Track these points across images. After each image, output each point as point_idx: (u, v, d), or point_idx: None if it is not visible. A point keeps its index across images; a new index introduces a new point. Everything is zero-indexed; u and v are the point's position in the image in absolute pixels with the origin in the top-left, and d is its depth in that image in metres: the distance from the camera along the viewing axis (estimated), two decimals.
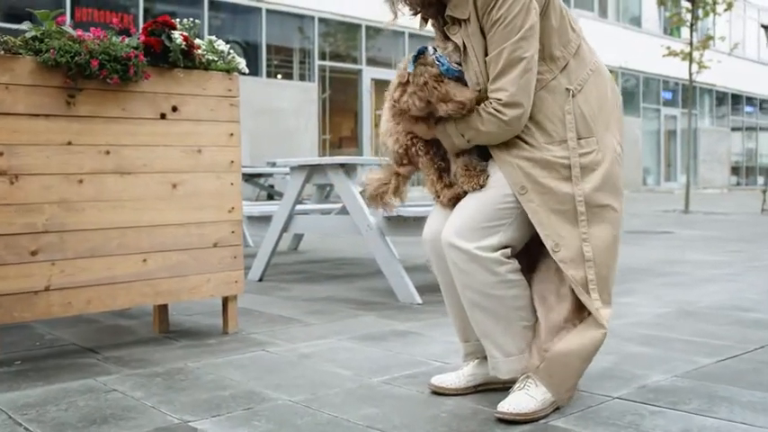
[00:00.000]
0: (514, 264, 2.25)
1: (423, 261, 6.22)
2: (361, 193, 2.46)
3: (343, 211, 5.19)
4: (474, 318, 2.30)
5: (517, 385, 2.26)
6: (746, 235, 8.99)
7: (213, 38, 3.36)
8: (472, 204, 2.26)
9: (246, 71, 3.42)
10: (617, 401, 2.34)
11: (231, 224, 3.38)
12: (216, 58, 3.32)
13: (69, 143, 2.90)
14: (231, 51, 3.41)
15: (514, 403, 2.18)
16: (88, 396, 2.45)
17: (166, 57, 3.14)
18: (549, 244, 2.19)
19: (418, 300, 4.21)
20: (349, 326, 3.59)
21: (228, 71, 3.36)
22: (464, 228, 2.22)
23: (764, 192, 15.15)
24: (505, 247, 2.23)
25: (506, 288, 2.23)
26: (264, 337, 3.34)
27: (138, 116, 3.08)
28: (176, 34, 3.15)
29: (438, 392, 2.45)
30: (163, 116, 3.15)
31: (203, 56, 3.28)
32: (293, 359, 2.94)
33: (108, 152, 3.01)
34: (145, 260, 3.10)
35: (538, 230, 2.20)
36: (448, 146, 2.31)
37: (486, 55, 2.17)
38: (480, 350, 2.47)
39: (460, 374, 2.47)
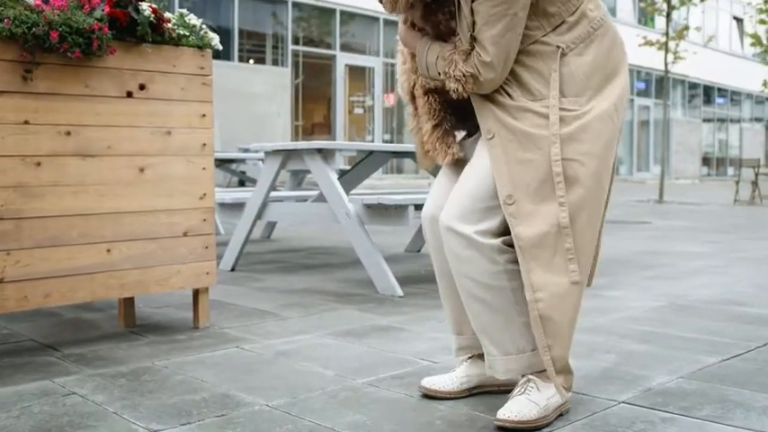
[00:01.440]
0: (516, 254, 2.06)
1: (402, 251, 6.03)
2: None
3: (320, 198, 4.98)
4: (471, 310, 2.10)
5: (517, 390, 2.08)
6: (723, 226, 8.92)
7: (184, 11, 3.12)
8: (470, 182, 2.07)
9: (220, 47, 3.19)
10: (623, 406, 2.16)
11: (203, 212, 3.15)
12: (187, 33, 3.08)
13: (26, 122, 2.65)
14: (203, 27, 3.18)
15: (515, 410, 1.99)
16: (44, 400, 2.22)
17: (133, 30, 2.90)
18: (502, 195, 2.00)
19: (399, 292, 4.01)
20: (328, 320, 3.38)
21: (201, 47, 3.12)
22: (462, 209, 2.04)
23: (737, 183, 15.21)
24: (507, 234, 2.03)
25: (507, 279, 2.03)
26: (238, 333, 3.13)
27: (102, 94, 2.84)
28: (144, 6, 2.90)
29: (430, 396, 2.25)
30: (129, 94, 2.91)
31: (174, 30, 3.04)
32: (270, 357, 2.73)
33: (69, 133, 2.76)
34: (109, 250, 2.87)
35: (495, 179, 2.01)
36: (422, 73, 2.16)
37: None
38: (474, 345, 2.28)
39: (453, 376, 2.28)
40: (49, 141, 2.71)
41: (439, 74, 2.08)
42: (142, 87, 2.94)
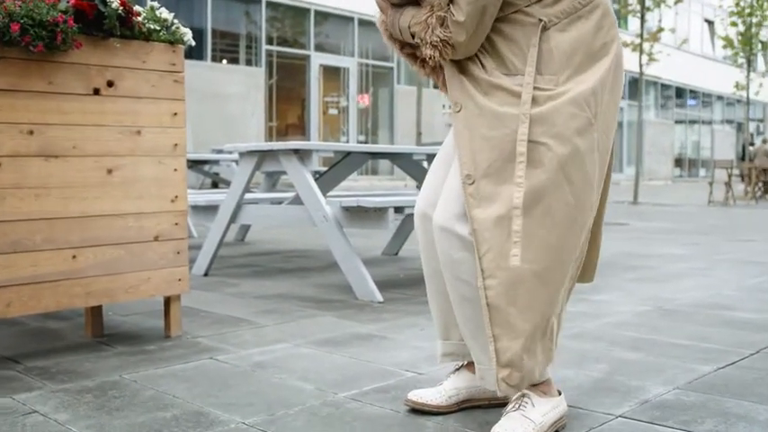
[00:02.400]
0: None
1: (379, 254, 5.91)
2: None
3: (296, 200, 4.84)
4: (462, 315, 1.97)
5: (511, 405, 1.96)
6: (701, 227, 8.90)
7: (156, 4, 2.97)
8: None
9: (193, 43, 3.04)
10: (621, 421, 2.05)
11: (174, 215, 3.00)
12: (158, 28, 2.94)
13: None
14: (175, 21, 3.03)
15: (510, 427, 1.87)
16: (2, 420, 2.06)
17: (101, 24, 2.75)
18: (462, 173, 1.88)
19: (379, 298, 3.88)
20: (306, 328, 3.25)
21: (172, 43, 2.98)
22: (456, 208, 1.91)
23: (711, 184, 15.28)
24: None
25: None
26: (212, 342, 2.98)
27: (67, 91, 2.69)
28: None
29: (417, 410, 2.13)
30: (96, 91, 2.76)
31: (144, 24, 2.89)
32: (246, 369, 2.59)
33: (31, 132, 2.60)
34: (75, 256, 2.71)
35: (457, 156, 1.90)
36: (395, 36, 2.04)
37: None
38: (460, 352, 2.15)
39: (441, 389, 2.15)
40: (10, 141, 2.55)
41: (412, 36, 1.95)
42: (110, 84, 2.79)
